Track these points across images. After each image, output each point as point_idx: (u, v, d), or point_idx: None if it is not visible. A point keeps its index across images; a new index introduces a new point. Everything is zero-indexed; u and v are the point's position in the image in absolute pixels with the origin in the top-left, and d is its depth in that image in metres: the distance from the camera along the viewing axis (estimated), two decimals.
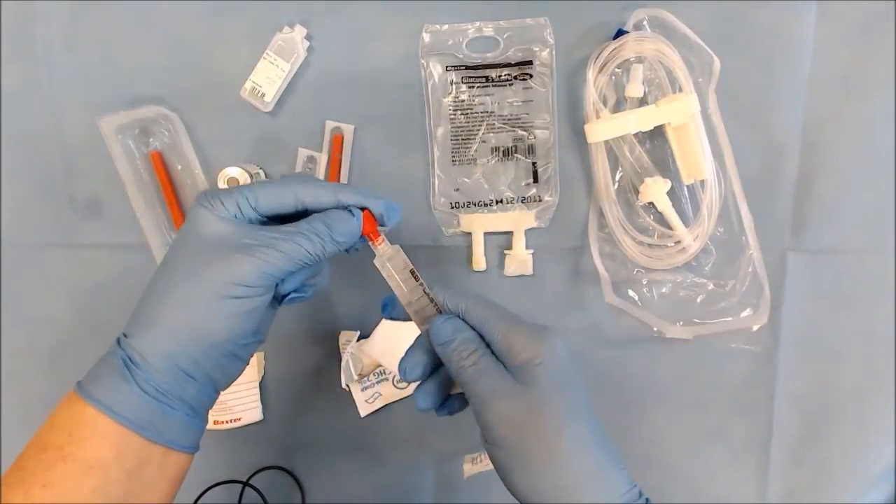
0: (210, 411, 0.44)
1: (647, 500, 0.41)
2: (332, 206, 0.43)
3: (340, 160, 0.57)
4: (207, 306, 0.40)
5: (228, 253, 0.40)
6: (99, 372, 0.40)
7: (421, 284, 0.45)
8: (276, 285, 0.43)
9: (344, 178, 0.57)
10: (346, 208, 0.43)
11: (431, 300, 0.45)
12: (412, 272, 0.45)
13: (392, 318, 0.47)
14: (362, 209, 0.44)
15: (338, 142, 0.56)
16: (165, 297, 0.41)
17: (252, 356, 0.45)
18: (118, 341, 0.41)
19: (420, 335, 0.45)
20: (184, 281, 0.41)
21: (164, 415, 0.40)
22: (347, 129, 0.57)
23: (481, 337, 0.43)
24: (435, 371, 0.45)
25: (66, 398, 0.41)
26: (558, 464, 0.39)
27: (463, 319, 0.43)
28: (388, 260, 0.45)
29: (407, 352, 0.45)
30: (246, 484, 0.60)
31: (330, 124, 0.57)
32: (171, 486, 0.42)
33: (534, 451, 0.40)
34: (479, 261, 0.57)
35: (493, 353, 0.42)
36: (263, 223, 0.43)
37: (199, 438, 0.43)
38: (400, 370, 0.44)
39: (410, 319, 0.46)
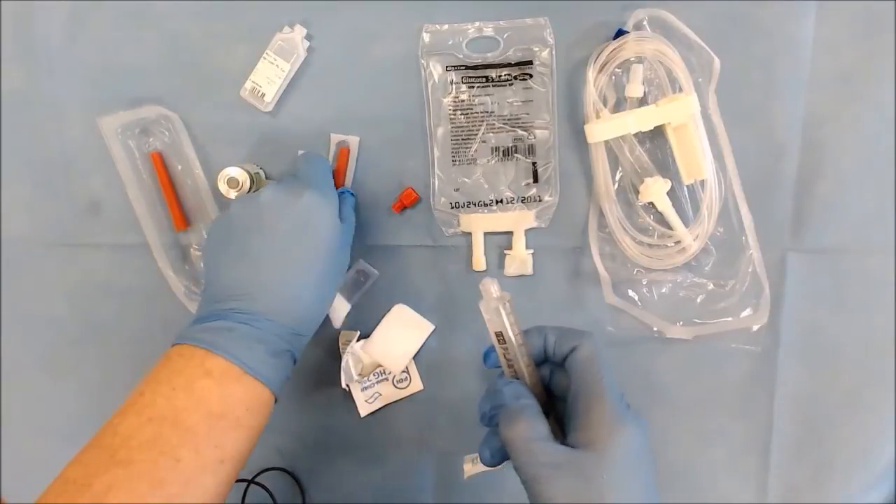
0: None
1: None
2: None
3: (345, 171, 0.57)
4: (329, 298, 0.50)
5: (343, 251, 0.51)
6: (260, 356, 0.45)
7: (506, 345, 0.43)
8: None
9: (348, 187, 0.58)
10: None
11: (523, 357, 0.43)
12: (498, 335, 0.42)
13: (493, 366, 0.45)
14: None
15: (344, 155, 0.56)
16: (308, 290, 0.47)
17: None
18: (273, 330, 0.45)
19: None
20: (321, 276, 0.48)
21: (285, 369, 0.47)
22: (353, 142, 0.57)
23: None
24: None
25: (235, 377, 0.44)
26: None
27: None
28: (493, 309, 0.42)
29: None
30: (251, 482, 0.60)
31: (336, 137, 0.57)
32: (265, 423, 0.47)
33: None
34: (479, 261, 0.57)
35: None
36: None
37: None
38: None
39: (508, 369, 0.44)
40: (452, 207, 0.58)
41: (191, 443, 0.41)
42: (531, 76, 0.56)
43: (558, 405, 0.45)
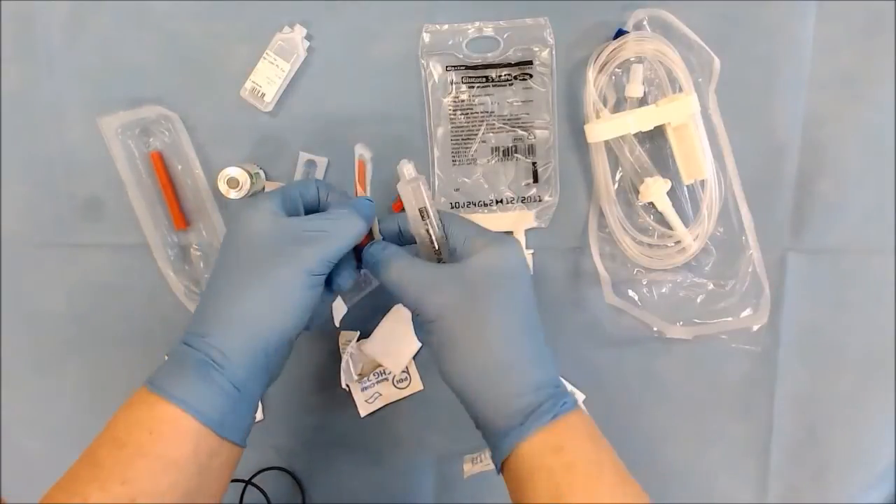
0: None
1: (573, 402, 0.43)
2: (337, 198, 0.49)
3: (366, 185, 0.57)
4: (286, 299, 0.43)
5: (297, 246, 0.43)
6: (174, 371, 0.42)
7: (428, 222, 0.47)
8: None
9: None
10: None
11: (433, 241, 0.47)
12: (422, 211, 0.46)
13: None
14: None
15: (361, 168, 0.56)
16: (240, 294, 0.43)
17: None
18: (188, 342, 0.42)
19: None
20: (259, 281, 0.43)
21: (236, 413, 0.42)
22: (321, 162, 0.57)
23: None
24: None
25: (137, 396, 0.42)
26: (484, 349, 0.42)
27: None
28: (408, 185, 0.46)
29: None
30: (248, 483, 0.60)
31: (304, 156, 0.57)
32: (229, 477, 0.44)
33: (464, 335, 0.42)
34: None
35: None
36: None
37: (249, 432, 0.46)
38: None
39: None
40: (452, 207, 0.58)
41: (97, 479, 0.39)
42: (531, 76, 0.56)
43: None
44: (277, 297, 0.43)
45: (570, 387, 0.57)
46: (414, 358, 0.60)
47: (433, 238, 0.46)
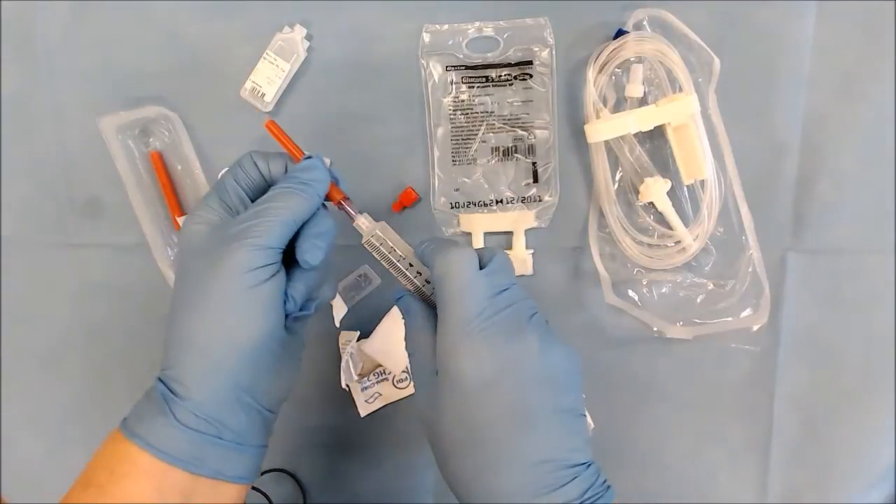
0: None
1: (608, 486, 0.39)
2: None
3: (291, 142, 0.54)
4: (229, 307, 0.38)
5: (224, 247, 0.39)
6: (141, 408, 0.40)
7: (401, 263, 0.45)
8: (284, 302, 0.41)
9: None
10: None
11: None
12: (392, 251, 0.45)
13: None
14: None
15: (275, 128, 0.53)
16: (188, 319, 0.39)
17: (291, 381, 0.43)
18: (157, 376, 0.40)
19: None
20: (199, 296, 0.39)
21: (208, 446, 0.39)
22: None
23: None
24: None
25: (110, 435, 0.40)
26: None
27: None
28: (372, 239, 0.45)
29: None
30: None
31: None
32: None
33: (437, 445, 0.40)
34: None
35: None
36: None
37: (256, 466, 0.42)
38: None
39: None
40: (452, 207, 0.58)
41: None
42: (531, 76, 0.56)
43: None
44: (220, 308, 0.38)
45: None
46: None
47: (418, 285, 0.45)
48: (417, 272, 0.45)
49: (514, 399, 0.37)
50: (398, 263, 0.45)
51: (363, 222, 0.45)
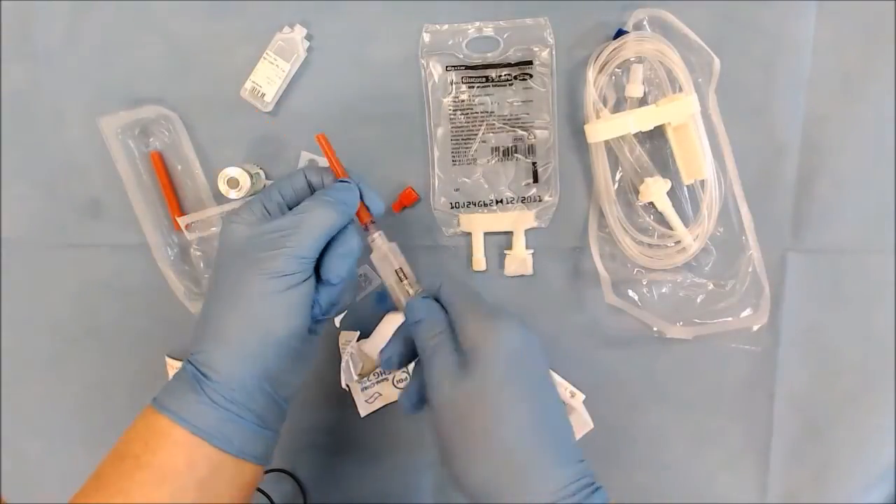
0: None
1: (596, 488, 0.39)
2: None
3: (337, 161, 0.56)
4: (263, 306, 0.43)
5: (263, 252, 0.43)
6: (172, 386, 0.43)
7: (406, 283, 0.48)
8: (311, 306, 0.45)
9: None
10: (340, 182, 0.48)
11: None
12: (398, 272, 0.48)
13: (388, 310, 0.51)
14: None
15: (325, 143, 0.55)
16: (222, 310, 0.43)
17: (305, 375, 0.47)
18: (188, 359, 0.43)
19: (400, 326, 0.47)
20: (237, 293, 0.43)
21: (234, 424, 0.42)
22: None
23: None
24: (417, 375, 0.45)
25: (142, 412, 0.43)
26: (488, 456, 0.39)
27: (439, 302, 0.45)
28: (383, 257, 0.49)
29: (388, 342, 0.47)
30: None
31: (306, 155, 0.58)
32: (243, 495, 0.44)
33: (468, 440, 0.40)
34: (479, 261, 0.57)
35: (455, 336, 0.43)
36: None
37: (271, 450, 0.46)
38: (382, 361, 0.46)
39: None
40: (452, 207, 0.58)
41: (98, 492, 0.40)
42: (531, 76, 0.56)
43: None
44: (255, 306, 0.43)
45: (570, 387, 0.57)
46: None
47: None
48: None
49: (538, 366, 0.43)
50: (404, 283, 0.48)
51: (379, 242, 0.49)
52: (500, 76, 0.56)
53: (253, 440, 0.43)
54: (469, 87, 0.56)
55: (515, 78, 0.56)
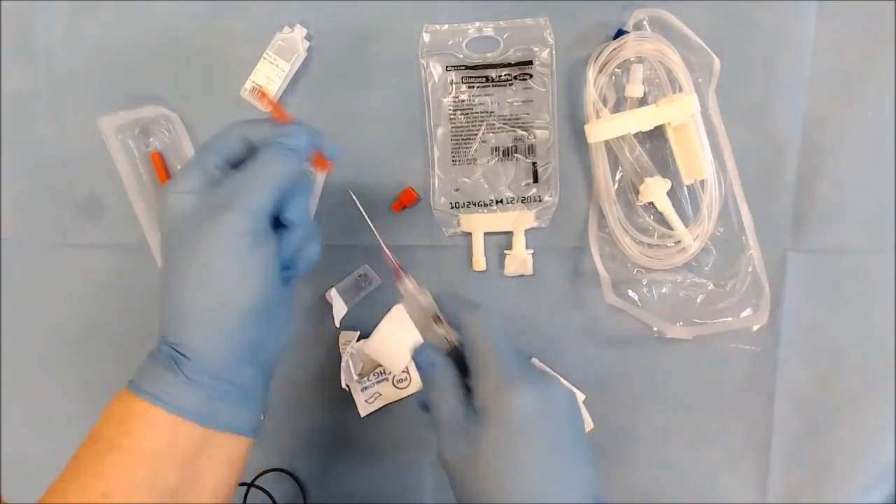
0: None
1: None
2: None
3: (276, 104, 0.54)
4: (227, 273, 0.40)
5: (217, 215, 0.40)
6: (146, 368, 0.41)
7: (442, 327, 0.44)
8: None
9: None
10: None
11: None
12: (435, 317, 0.45)
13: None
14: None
15: (263, 95, 0.54)
16: (187, 287, 0.41)
17: (286, 337, 0.46)
18: (158, 343, 0.42)
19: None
20: (196, 264, 0.40)
21: (217, 400, 0.41)
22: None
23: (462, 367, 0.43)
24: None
25: (117, 396, 0.42)
26: None
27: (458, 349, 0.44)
28: (411, 305, 0.46)
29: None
30: (251, 485, 0.60)
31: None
32: (232, 468, 0.43)
33: (472, 491, 0.40)
34: (479, 261, 0.57)
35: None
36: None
37: (257, 422, 0.44)
38: (419, 405, 0.45)
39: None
40: (452, 207, 0.58)
41: (74, 477, 0.40)
42: (531, 76, 0.56)
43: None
44: (219, 274, 0.40)
45: (569, 386, 0.57)
46: None
47: (452, 342, 0.44)
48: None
49: (552, 432, 0.40)
50: (434, 326, 0.45)
51: (409, 286, 0.46)
52: (500, 76, 0.56)
53: (239, 413, 0.42)
54: (469, 87, 0.56)
55: (515, 78, 0.56)
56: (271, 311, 0.42)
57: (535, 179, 0.57)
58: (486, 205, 0.58)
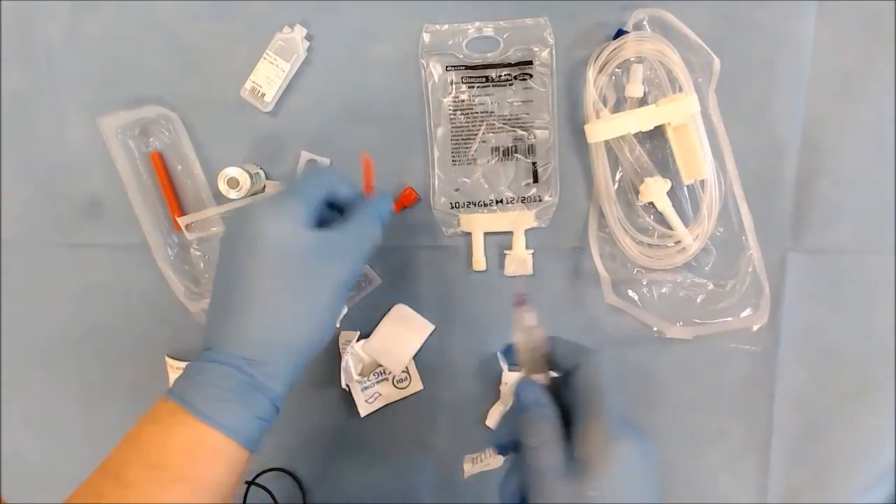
0: None
1: None
2: (352, 198, 0.47)
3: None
4: (325, 315, 0.44)
5: (330, 261, 0.43)
6: (217, 395, 0.41)
7: (546, 366, 0.44)
8: None
9: None
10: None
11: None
12: (540, 356, 0.43)
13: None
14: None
15: (368, 166, 0.54)
16: (282, 315, 0.42)
17: None
18: (228, 363, 0.41)
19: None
20: (299, 296, 0.42)
21: (268, 426, 0.43)
22: (324, 163, 0.57)
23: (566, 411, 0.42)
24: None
25: (171, 416, 0.41)
26: None
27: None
28: (523, 337, 0.44)
29: (498, 425, 0.45)
30: (251, 483, 0.60)
31: (306, 155, 0.57)
32: (241, 476, 0.44)
33: None
34: (479, 261, 0.57)
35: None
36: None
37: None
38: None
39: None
40: (452, 207, 0.58)
41: (127, 500, 0.39)
42: (531, 76, 0.56)
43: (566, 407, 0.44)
44: (319, 314, 0.43)
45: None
46: (414, 358, 0.60)
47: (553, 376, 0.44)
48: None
49: (649, 486, 0.42)
50: (541, 363, 0.44)
51: (528, 320, 0.44)
52: (500, 76, 0.56)
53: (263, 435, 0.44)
54: (469, 87, 0.56)
55: (515, 78, 0.56)
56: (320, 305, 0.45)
57: (535, 179, 0.57)
58: (486, 205, 0.58)
